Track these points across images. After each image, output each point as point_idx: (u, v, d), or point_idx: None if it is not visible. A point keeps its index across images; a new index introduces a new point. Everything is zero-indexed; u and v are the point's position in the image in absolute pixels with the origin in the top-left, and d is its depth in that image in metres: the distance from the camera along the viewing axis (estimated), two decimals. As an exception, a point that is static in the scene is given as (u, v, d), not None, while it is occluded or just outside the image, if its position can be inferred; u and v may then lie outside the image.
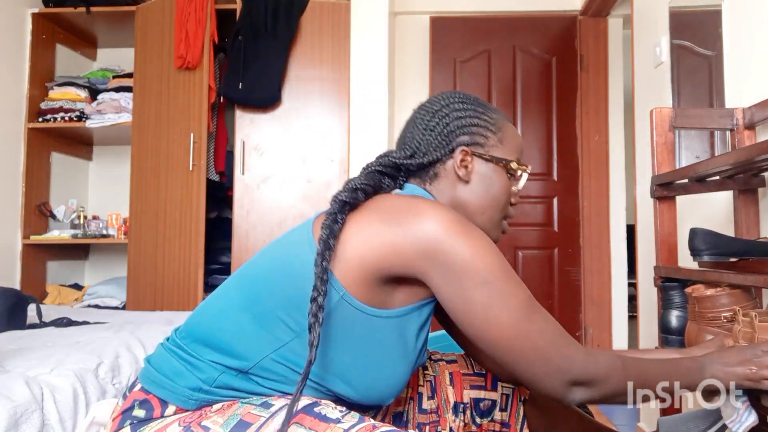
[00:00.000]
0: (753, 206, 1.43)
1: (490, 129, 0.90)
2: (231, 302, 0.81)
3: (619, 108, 3.11)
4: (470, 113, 0.90)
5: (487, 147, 0.89)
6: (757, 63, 1.49)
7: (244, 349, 0.77)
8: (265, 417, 0.71)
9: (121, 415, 0.79)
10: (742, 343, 1.02)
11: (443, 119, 0.89)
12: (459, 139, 0.88)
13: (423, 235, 0.74)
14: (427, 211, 0.76)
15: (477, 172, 0.89)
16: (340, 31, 2.65)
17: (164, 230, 2.61)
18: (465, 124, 0.89)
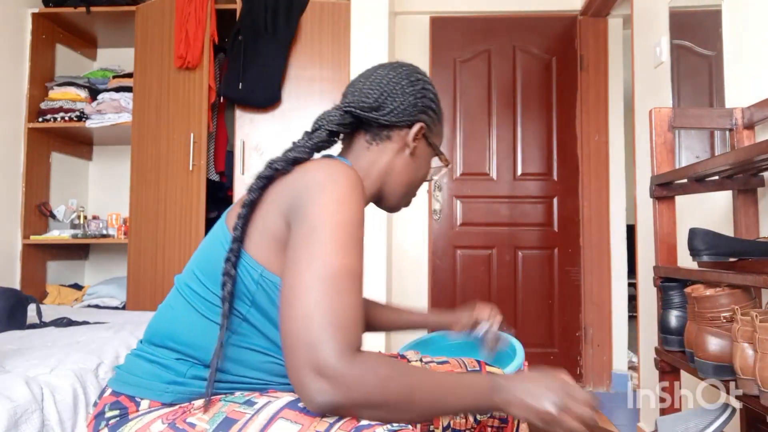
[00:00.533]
0: (752, 206, 1.43)
1: (440, 119, 0.99)
2: (178, 305, 0.83)
3: (619, 108, 3.10)
4: (435, 98, 0.97)
5: (433, 133, 0.97)
6: (757, 63, 1.49)
7: (204, 344, 0.78)
8: (249, 414, 0.71)
9: (94, 420, 0.79)
10: (741, 342, 1.02)
11: (420, 91, 0.94)
12: (422, 115, 0.94)
13: (299, 186, 0.76)
14: (310, 166, 0.79)
15: (420, 149, 0.96)
16: (340, 31, 2.65)
17: (164, 230, 2.61)
18: (430, 106, 0.95)
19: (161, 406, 0.77)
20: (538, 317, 3.06)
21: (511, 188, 3.11)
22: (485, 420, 1.01)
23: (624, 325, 3.03)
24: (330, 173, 0.75)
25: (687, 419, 1.19)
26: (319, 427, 0.66)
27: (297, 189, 0.76)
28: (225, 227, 0.82)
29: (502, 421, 1.02)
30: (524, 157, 3.13)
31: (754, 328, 0.98)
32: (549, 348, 3.05)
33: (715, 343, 1.12)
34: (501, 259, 3.10)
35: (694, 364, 1.18)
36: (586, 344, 3.02)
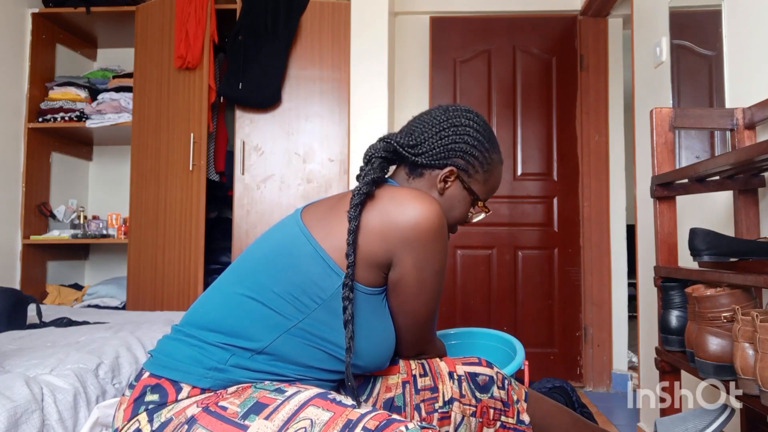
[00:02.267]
0: (753, 206, 1.43)
1: (483, 167, 1.02)
2: (234, 291, 0.88)
3: (619, 108, 3.10)
4: (478, 145, 1.01)
5: (471, 179, 1.03)
6: (757, 63, 1.49)
7: (255, 331, 0.84)
8: (280, 400, 0.76)
9: (133, 404, 0.80)
10: (742, 342, 1.02)
11: (457, 136, 1.00)
12: (456, 159, 1.01)
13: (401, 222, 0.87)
14: (406, 200, 0.89)
15: (452, 191, 1.02)
16: (340, 31, 2.65)
17: (164, 230, 2.61)
18: (468, 151, 1.01)
19: (200, 392, 0.80)
20: (538, 317, 3.06)
21: (511, 188, 3.11)
22: (486, 400, 1.01)
23: (624, 325, 3.03)
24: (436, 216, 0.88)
25: (686, 420, 1.19)
26: (351, 416, 0.72)
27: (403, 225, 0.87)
28: (307, 232, 0.89)
29: (504, 405, 1.02)
30: (524, 157, 3.13)
31: (754, 328, 0.98)
32: (549, 348, 3.05)
33: (715, 343, 1.12)
34: (501, 259, 3.10)
35: (694, 364, 1.18)
36: (586, 344, 3.02)
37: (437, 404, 0.99)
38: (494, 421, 1.01)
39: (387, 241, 0.87)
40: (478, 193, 1.03)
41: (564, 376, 2.96)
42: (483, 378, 1.03)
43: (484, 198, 1.05)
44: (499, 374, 1.05)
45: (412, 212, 0.87)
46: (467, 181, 1.02)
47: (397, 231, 0.86)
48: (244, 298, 0.86)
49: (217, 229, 2.91)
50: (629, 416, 2.48)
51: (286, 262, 0.87)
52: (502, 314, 3.05)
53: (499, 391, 1.03)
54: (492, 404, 1.02)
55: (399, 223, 0.87)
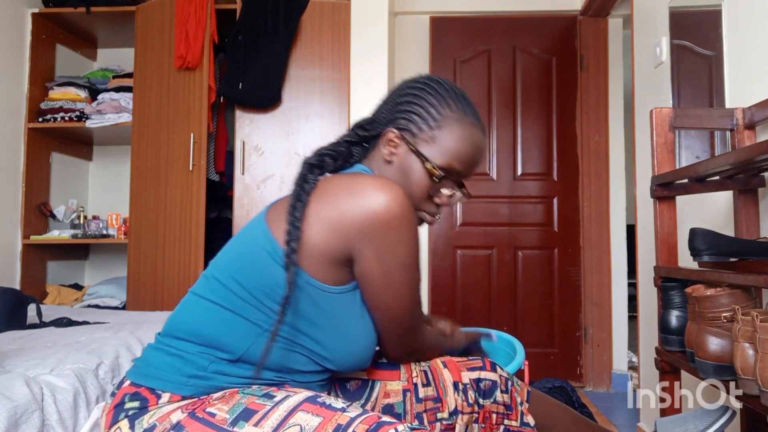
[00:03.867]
0: (753, 206, 1.43)
1: (428, 123, 0.90)
2: (206, 299, 0.85)
3: (619, 108, 3.10)
4: (423, 101, 0.91)
5: (418, 139, 0.91)
6: (757, 63, 1.49)
7: (229, 341, 0.81)
8: (269, 405, 0.74)
9: (113, 410, 0.79)
10: (742, 342, 1.02)
11: (398, 97, 0.94)
12: (398, 121, 0.92)
13: (359, 212, 0.80)
14: (370, 191, 0.81)
15: (401, 158, 0.91)
16: (340, 31, 2.65)
17: (164, 230, 2.61)
18: (409, 110, 0.91)
19: (181, 399, 0.78)
20: (538, 317, 3.06)
21: (511, 188, 3.11)
22: (489, 405, 1.01)
23: (624, 325, 3.03)
24: (396, 201, 0.80)
25: (686, 421, 1.19)
26: (341, 421, 0.70)
27: (364, 216, 0.79)
28: (268, 232, 0.83)
29: (507, 408, 1.02)
30: (524, 157, 3.13)
31: (754, 328, 0.98)
32: (549, 348, 3.05)
33: (715, 343, 1.12)
34: (501, 259, 3.10)
35: (694, 364, 1.18)
36: (586, 344, 3.02)
37: (441, 414, 0.98)
38: (497, 426, 1.01)
39: (342, 234, 0.80)
40: (428, 155, 0.89)
41: (564, 376, 2.96)
42: (486, 383, 1.02)
43: (442, 163, 0.90)
44: (502, 377, 1.03)
45: (366, 201, 0.79)
46: (413, 142, 0.90)
47: (352, 223, 0.79)
48: (215, 306, 0.83)
49: (217, 229, 2.91)
50: (629, 416, 2.48)
51: (250, 266, 0.83)
52: (502, 314, 3.05)
53: (503, 395, 1.02)
54: (495, 409, 1.01)
55: (353, 214, 0.79)
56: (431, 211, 0.95)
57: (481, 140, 0.94)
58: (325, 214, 0.81)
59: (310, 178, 0.86)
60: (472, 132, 0.92)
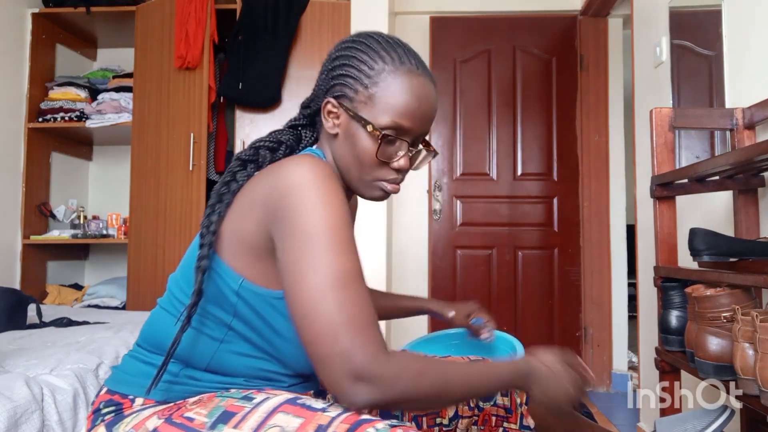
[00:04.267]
0: (753, 206, 1.43)
1: (362, 82, 0.80)
2: (167, 311, 0.82)
3: (619, 108, 3.10)
4: (353, 60, 0.82)
5: (356, 102, 0.81)
6: (757, 63, 1.49)
7: (191, 353, 0.79)
8: (248, 407, 0.71)
9: (92, 416, 0.80)
10: (742, 342, 1.02)
11: (329, 63, 0.85)
12: (334, 88, 0.84)
13: (273, 193, 0.73)
14: (282, 169, 0.74)
15: (344, 127, 0.82)
16: (340, 31, 2.65)
17: (164, 230, 2.61)
18: (342, 73, 0.82)
19: (155, 403, 0.77)
20: (538, 317, 3.06)
21: (511, 188, 3.11)
22: (489, 408, 1.00)
23: (624, 325, 3.03)
24: (302, 172, 0.72)
25: (685, 420, 1.19)
26: (322, 421, 0.67)
27: (272, 196, 0.72)
28: None
29: (507, 411, 1.01)
30: (524, 157, 3.13)
31: (754, 328, 0.98)
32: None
33: (715, 343, 1.12)
34: (501, 259, 3.09)
35: (694, 364, 1.18)
36: (586, 344, 3.02)
37: (440, 419, 0.97)
38: (496, 428, 1.00)
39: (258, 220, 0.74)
40: (369, 117, 0.79)
41: (564, 376, 2.96)
42: None
43: (387, 123, 0.79)
44: None
45: (274, 176, 0.74)
46: (351, 108, 0.81)
47: (261, 202, 0.74)
48: (172, 318, 0.79)
49: (217, 229, 2.90)
50: (629, 416, 2.48)
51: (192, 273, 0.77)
52: (502, 314, 3.05)
53: (503, 398, 1.01)
54: (494, 411, 1.00)
55: (262, 192, 0.74)
56: (390, 178, 0.84)
57: (427, 88, 0.83)
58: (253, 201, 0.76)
59: (239, 176, 0.80)
60: (411, 81, 0.81)
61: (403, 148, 0.82)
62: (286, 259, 0.70)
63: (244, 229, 0.76)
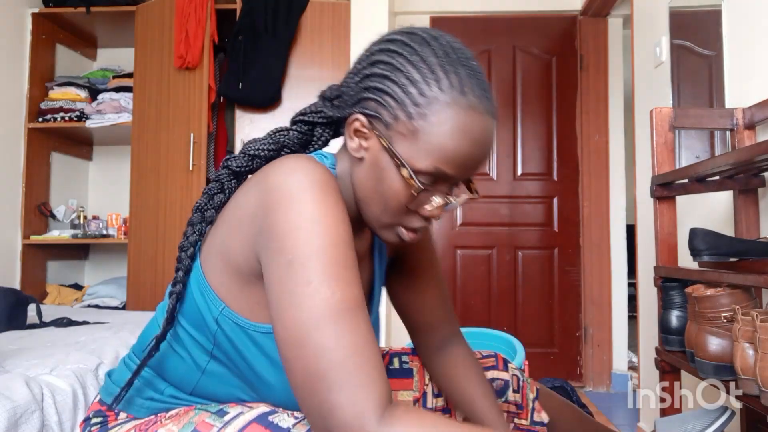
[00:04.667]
0: (753, 206, 1.43)
1: (405, 109, 0.63)
2: (156, 329, 0.74)
3: (619, 108, 3.10)
4: (399, 74, 0.63)
5: (393, 131, 0.64)
6: (757, 63, 1.49)
7: (177, 376, 0.74)
8: (218, 426, 0.66)
9: (83, 424, 0.80)
10: (742, 342, 1.02)
11: (367, 65, 0.67)
12: (365, 102, 0.66)
13: (259, 203, 0.62)
14: (270, 176, 0.63)
15: (372, 155, 0.66)
16: (340, 31, 2.65)
17: (164, 230, 2.61)
18: (380, 88, 0.64)
19: (136, 417, 0.77)
20: (538, 317, 3.06)
21: (511, 188, 3.11)
22: (500, 405, 0.99)
23: (624, 325, 3.03)
24: (290, 179, 0.60)
25: (685, 421, 1.19)
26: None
27: (258, 211, 0.62)
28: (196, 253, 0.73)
29: (518, 407, 1.01)
30: (524, 157, 3.13)
31: (754, 328, 0.98)
32: (549, 348, 3.05)
33: (715, 343, 1.12)
34: (501, 259, 3.10)
35: (694, 364, 1.18)
36: (586, 344, 3.02)
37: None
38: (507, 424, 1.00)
39: (251, 246, 0.64)
40: (406, 155, 0.63)
41: (564, 376, 2.96)
42: (499, 383, 1.00)
43: (427, 166, 0.63)
44: (514, 376, 1.02)
45: (271, 178, 0.62)
46: (385, 135, 0.64)
47: (254, 223, 0.63)
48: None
49: (217, 229, 2.90)
50: (629, 416, 2.48)
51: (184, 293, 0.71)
52: (502, 314, 3.05)
53: (514, 395, 1.00)
54: (506, 408, 1.00)
55: (256, 200, 0.63)
56: (416, 226, 0.69)
57: (486, 130, 0.66)
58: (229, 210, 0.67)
59: (227, 186, 0.71)
60: (471, 121, 0.63)
61: (439, 195, 0.67)
62: (271, 288, 0.59)
63: (230, 248, 0.66)
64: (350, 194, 0.71)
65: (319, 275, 0.56)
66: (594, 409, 2.52)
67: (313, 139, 0.76)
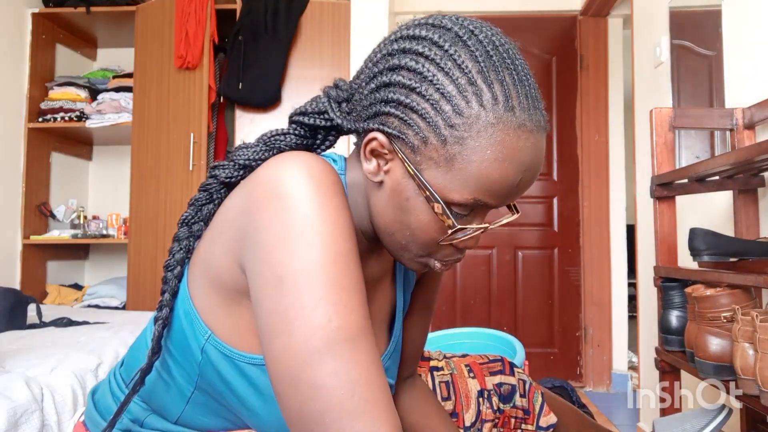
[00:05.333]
0: (753, 206, 1.43)
1: (438, 132, 0.51)
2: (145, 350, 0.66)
3: (619, 108, 3.10)
4: (426, 88, 0.51)
5: (421, 156, 0.53)
6: (757, 63, 1.49)
7: (163, 402, 0.66)
8: None
9: None
10: (742, 342, 1.02)
11: (385, 70, 0.54)
12: (385, 117, 0.54)
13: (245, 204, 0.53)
14: (259, 172, 0.53)
15: (393, 180, 0.55)
16: (340, 31, 2.65)
17: (164, 230, 2.61)
18: (404, 102, 0.52)
19: None
20: (538, 317, 3.06)
21: (511, 188, 3.11)
22: (509, 410, 0.99)
23: (624, 325, 3.03)
24: (282, 176, 0.50)
25: (684, 420, 1.19)
26: None
27: (243, 213, 0.53)
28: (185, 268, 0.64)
29: (525, 412, 1.01)
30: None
31: (754, 328, 0.98)
32: (549, 348, 3.05)
33: (715, 343, 1.12)
34: (501, 259, 3.09)
35: (694, 364, 1.18)
36: (586, 344, 3.02)
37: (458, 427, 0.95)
38: (514, 430, 0.99)
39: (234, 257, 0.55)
40: (438, 185, 0.52)
41: (564, 376, 2.96)
42: (506, 387, 0.99)
43: (463, 198, 0.52)
44: (521, 381, 1.01)
45: (258, 178, 0.53)
46: (411, 161, 0.53)
47: (237, 228, 0.54)
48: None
49: (217, 229, 2.90)
50: (629, 416, 2.48)
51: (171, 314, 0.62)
52: (502, 314, 3.05)
53: (521, 399, 1.00)
54: (513, 413, 0.99)
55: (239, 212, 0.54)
56: (449, 259, 0.59)
57: (536, 149, 0.53)
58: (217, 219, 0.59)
59: (216, 196, 0.63)
60: (522, 142, 0.51)
61: (476, 223, 0.57)
62: (259, 307, 0.50)
63: (212, 258, 0.57)
64: (363, 210, 0.62)
65: (314, 298, 0.47)
66: (594, 409, 2.52)
67: (316, 142, 0.65)
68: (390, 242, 0.59)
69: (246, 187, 0.55)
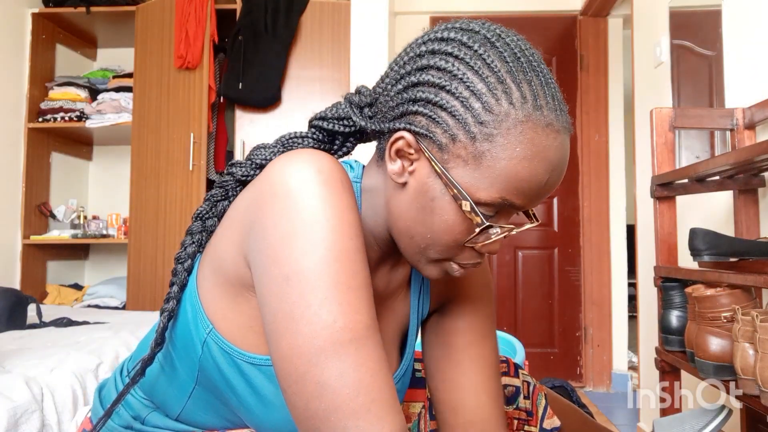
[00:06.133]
0: (753, 206, 1.43)
1: (468, 129, 0.52)
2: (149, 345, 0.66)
3: (619, 108, 3.11)
4: (456, 86, 0.52)
5: (448, 154, 0.53)
6: (757, 63, 1.49)
7: (165, 397, 0.67)
8: None
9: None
10: (742, 342, 1.02)
11: (413, 70, 0.56)
12: (412, 117, 0.55)
13: (252, 200, 0.54)
14: (267, 170, 0.54)
15: (419, 180, 0.55)
16: (340, 31, 2.65)
17: (164, 230, 2.61)
18: (432, 100, 0.53)
19: None
20: (538, 317, 3.06)
21: (511, 188, 3.11)
22: (511, 411, 0.98)
23: (624, 325, 3.03)
24: (289, 173, 0.51)
25: (683, 420, 1.19)
26: None
27: (250, 209, 0.54)
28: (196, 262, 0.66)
29: (528, 414, 1.00)
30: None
31: (754, 328, 0.98)
32: (549, 348, 3.05)
33: (715, 343, 1.12)
34: (501, 258, 3.10)
35: (694, 364, 1.18)
36: (586, 344, 3.02)
37: None
38: (517, 431, 1.00)
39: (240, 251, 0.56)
40: (464, 182, 0.52)
41: (564, 376, 2.96)
42: (510, 389, 0.98)
43: (490, 197, 0.52)
44: (525, 382, 1.00)
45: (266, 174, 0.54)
46: (438, 159, 0.53)
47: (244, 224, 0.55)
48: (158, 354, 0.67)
49: (217, 229, 2.90)
50: (629, 416, 2.48)
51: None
52: (502, 314, 3.05)
53: (525, 401, 0.98)
54: (516, 415, 0.98)
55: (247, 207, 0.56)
56: (469, 263, 0.59)
57: (563, 149, 0.54)
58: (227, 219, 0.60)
59: (232, 194, 0.63)
60: (549, 140, 0.52)
61: (500, 226, 0.56)
62: (266, 304, 0.51)
63: (219, 252, 0.58)
64: (380, 216, 0.61)
65: (320, 297, 0.48)
66: (594, 409, 2.52)
67: (334, 147, 0.64)
68: (408, 246, 0.59)
69: (256, 183, 0.56)
